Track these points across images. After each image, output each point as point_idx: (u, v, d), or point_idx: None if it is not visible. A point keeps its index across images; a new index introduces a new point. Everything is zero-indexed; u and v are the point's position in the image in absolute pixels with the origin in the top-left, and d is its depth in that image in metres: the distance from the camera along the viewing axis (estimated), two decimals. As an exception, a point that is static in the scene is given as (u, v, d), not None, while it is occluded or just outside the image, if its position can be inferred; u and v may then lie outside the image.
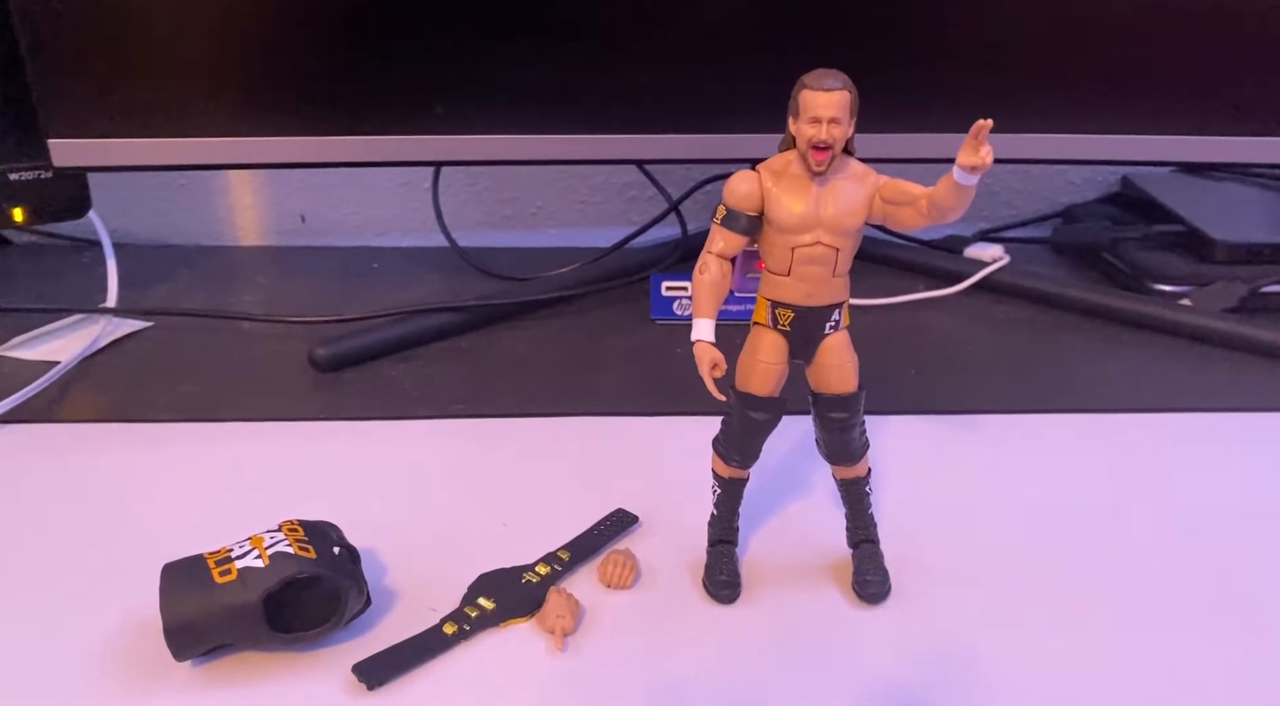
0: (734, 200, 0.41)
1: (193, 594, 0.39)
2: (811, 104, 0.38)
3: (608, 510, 0.51)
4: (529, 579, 0.45)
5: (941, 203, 0.39)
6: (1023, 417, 0.61)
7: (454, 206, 0.88)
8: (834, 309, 0.42)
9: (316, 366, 0.65)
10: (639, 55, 0.67)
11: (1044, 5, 0.67)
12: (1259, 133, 0.72)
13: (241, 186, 0.89)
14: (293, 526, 0.42)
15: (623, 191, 0.91)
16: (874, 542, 0.46)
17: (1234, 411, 0.62)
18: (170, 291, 0.77)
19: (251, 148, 0.66)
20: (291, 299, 0.76)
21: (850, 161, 0.41)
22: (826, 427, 0.44)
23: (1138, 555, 0.49)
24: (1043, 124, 0.71)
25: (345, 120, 0.66)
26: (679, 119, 0.68)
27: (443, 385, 0.64)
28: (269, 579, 0.39)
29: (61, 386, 0.63)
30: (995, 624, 0.44)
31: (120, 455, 0.56)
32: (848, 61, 0.41)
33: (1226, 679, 0.42)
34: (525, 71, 0.66)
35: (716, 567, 0.46)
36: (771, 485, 0.53)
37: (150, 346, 0.68)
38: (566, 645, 0.42)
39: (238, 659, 0.41)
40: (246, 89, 0.65)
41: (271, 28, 0.63)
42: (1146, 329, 0.72)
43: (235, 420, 0.60)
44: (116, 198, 0.85)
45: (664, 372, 0.66)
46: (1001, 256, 0.79)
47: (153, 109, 0.64)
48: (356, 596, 0.42)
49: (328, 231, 0.91)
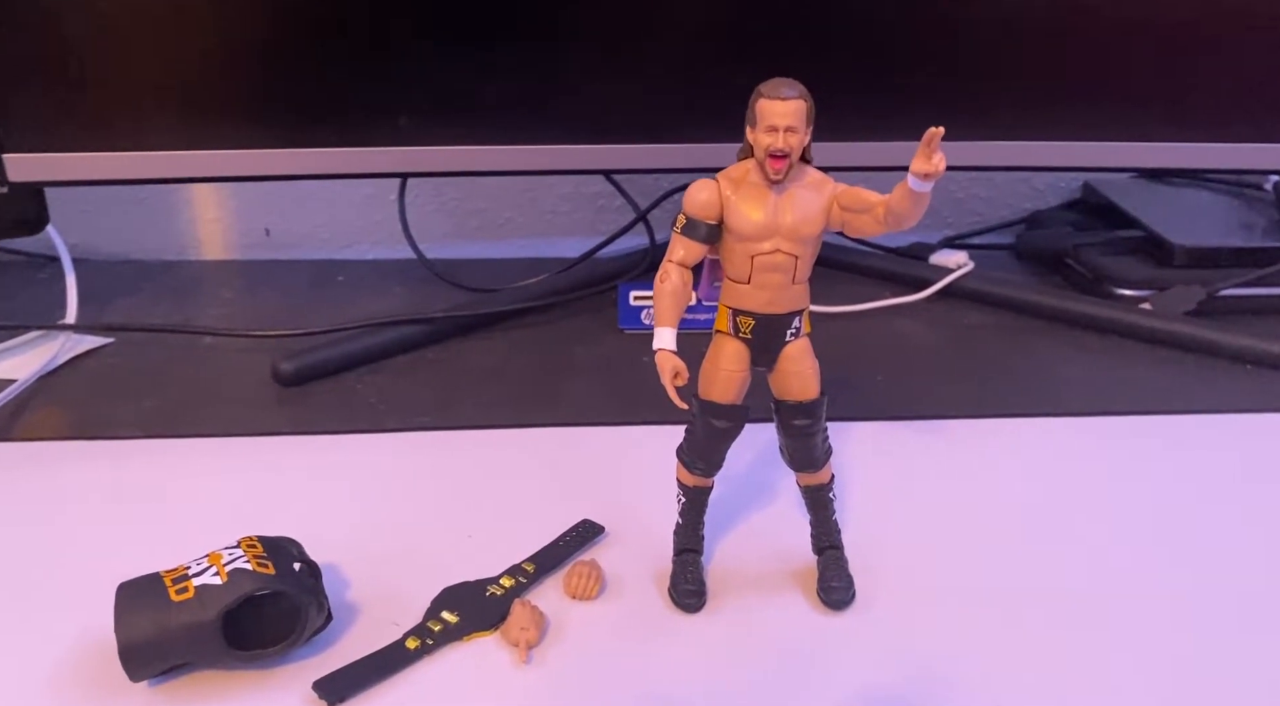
0: (693, 209, 0.41)
1: (148, 612, 0.39)
2: (768, 113, 0.39)
3: (574, 521, 0.51)
4: (493, 592, 0.45)
5: (898, 209, 0.40)
6: (987, 422, 0.62)
7: (421, 218, 0.88)
8: (794, 316, 0.42)
9: (281, 380, 0.65)
10: (605, 66, 0.67)
11: (1005, 16, 0.67)
12: (1215, 139, 0.73)
13: (204, 200, 0.88)
14: (251, 543, 0.42)
15: (591, 201, 0.91)
16: (838, 548, 0.46)
17: (1194, 413, 0.63)
18: (131, 307, 0.77)
19: (214, 161, 0.65)
20: (256, 313, 0.76)
21: (808, 169, 0.41)
22: (790, 434, 0.44)
23: (1101, 556, 0.50)
24: (1005, 131, 0.72)
25: (309, 132, 0.65)
26: (645, 128, 0.68)
27: (409, 398, 0.64)
28: (227, 596, 0.39)
29: (18, 404, 0.62)
30: (959, 629, 0.45)
31: (77, 473, 0.55)
32: (810, 71, 0.41)
33: (1193, 677, 0.42)
34: (491, 82, 0.66)
35: (682, 576, 0.46)
36: (736, 493, 0.53)
37: (111, 363, 0.68)
38: (531, 657, 0.42)
39: (196, 678, 0.40)
40: (208, 102, 0.64)
41: (233, 40, 0.63)
42: (1108, 332, 0.73)
43: (197, 435, 0.59)
44: (76, 212, 0.84)
45: (631, 382, 0.66)
46: (966, 263, 0.80)
47: (112, 122, 0.63)
48: (317, 612, 0.41)
49: (293, 244, 0.90)
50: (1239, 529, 0.52)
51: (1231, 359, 0.69)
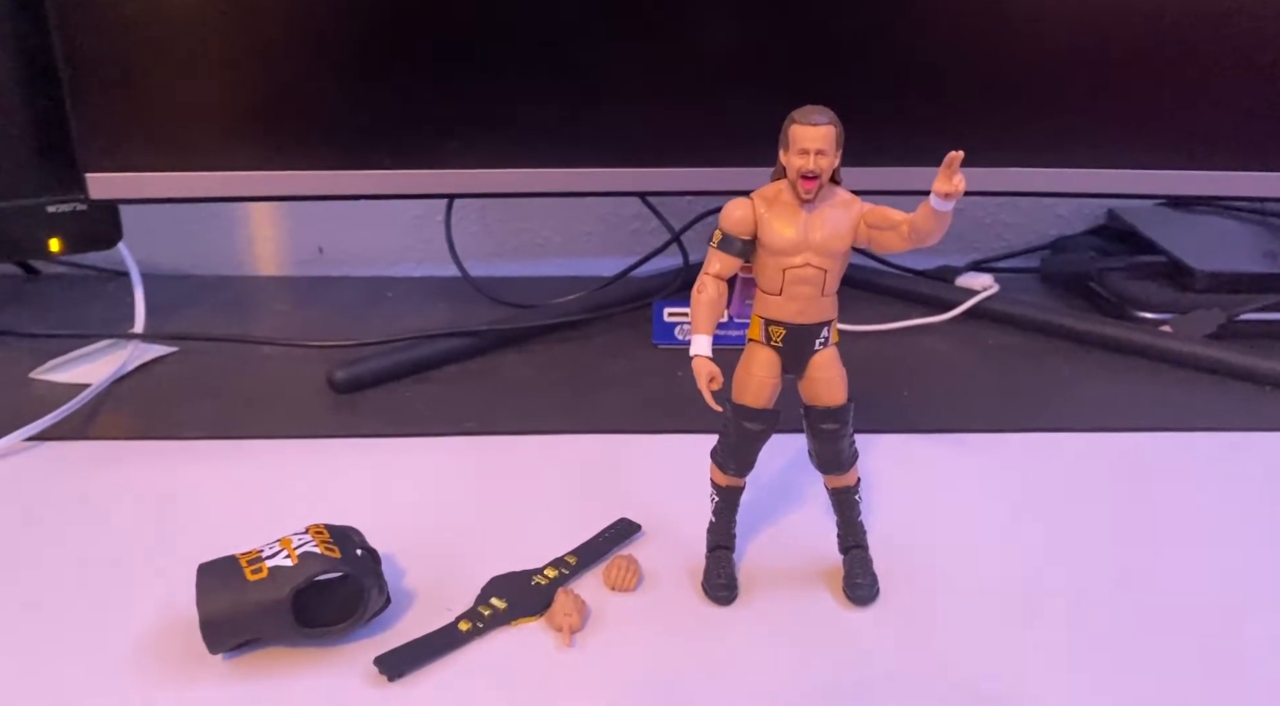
0: (729, 225, 0.44)
1: (226, 590, 0.42)
2: (800, 137, 0.42)
3: (611, 520, 0.54)
4: (538, 581, 0.48)
5: (921, 227, 0.42)
6: (1009, 436, 0.64)
7: (465, 238, 0.92)
8: (823, 326, 0.45)
9: (335, 388, 0.68)
10: (642, 94, 0.71)
11: (1033, 49, 0.70)
12: (1237, 167, 0.75)
13: (261, 219, 0.93)
14: (319, 529, 0.45)
15: (626, 223, 0.95)
16: (864, 548, 0.49)
17: (1211, 431, 0.65)
18: (194, 318, 0.81)
19: (275, 181, 0.69)
20: (309, 325, 0.80)
21: (837, 190, 0.44)
22: (818, 438, 0.47)
23: (1117, 565, 0.52)
24: (1031, 158, 0.74)
25: (363, 155, 0.70)
26: (680, 153, 0.72)
27: (455, 405, 0.67)
28: (298, 576, 0.42)
29: (93, 407, 0.66)
30: (977, 625, 0.47)
31: (150, 469, 0.59)
32: (841, 100, 0.44)
33: (1202, 685, 0.44)
34: (534, 109, 0.70)
35: (715, 571, 0.49)
36: (767, 497, 0.56)
37: (176, 370, 0.72)
38: (574, 642, 0.45)
39: (267, 652, 0.44)
40: (271, 126, 0.69)
41: (295, 68, 0.67)
42: (1129, 354, 0.75)
43: (258, 437, 0.63)
44: (142, 229, 0.89)
45: (665, 394, 0.69)
46: (991, 285, 0.82)
47: (182, 144, 0.68)
48: (378, 595, 0.44)
49: (344, 262, 0.94)
50: (1254, 543, 0.54)
51: (1250, 381, 0.71)
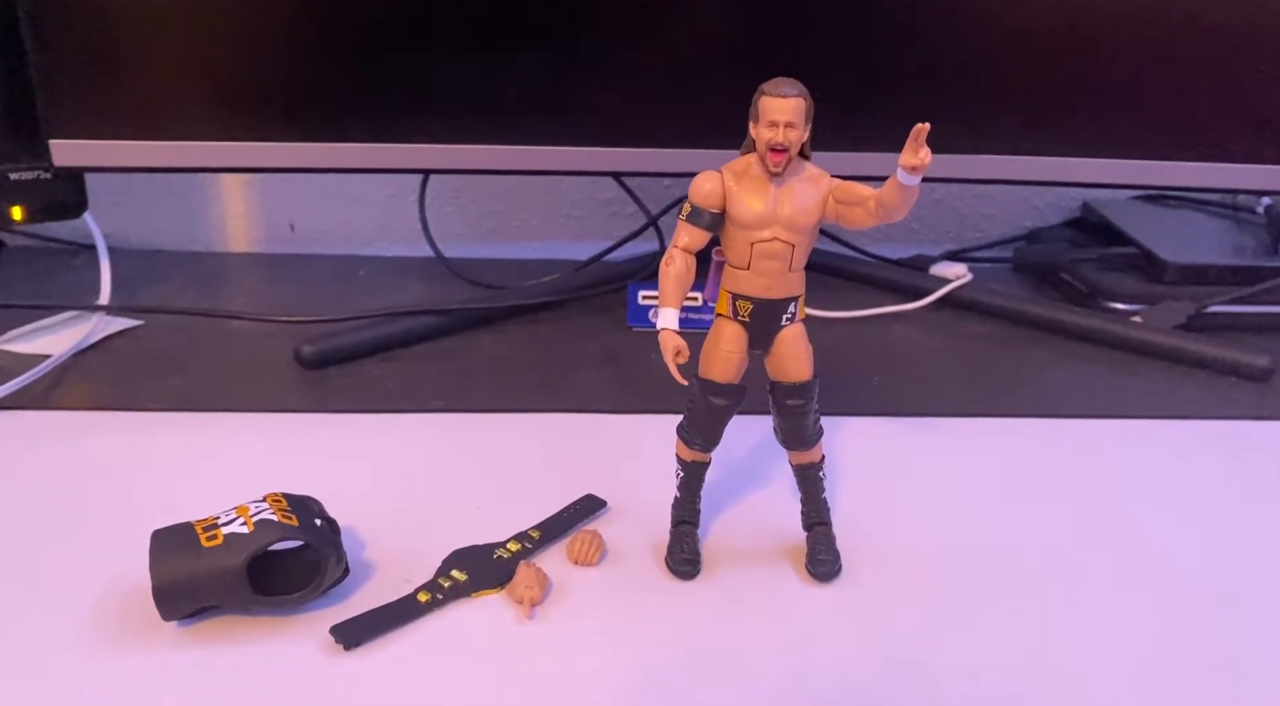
0: (698, 198, 0.44)
1: (180, 557, 0.42)
2: (769, 109, 0.42)
3: (578, 496, 0.53)
4: (500, 554, 0.48)
5: (889, 202, 0.42)
6: (977, 421, 0.64)
7: (439, 219, 0.91)
8: (790, 302, 0.45)
9: (302, 363, 0.68)
10: (619, 74, 0.70)
11: (1010, 39, 0.70)
12: (1212, 159, 0.75)
13: (232, 194, 0.92)
14: (277, 497, 0.45)
15: (603, 206, 0.94)
16: (827, 525, 0.49)
17: (1178, 419, 0.66)
18: (161, 292, 0.80)
19: (245, 152, 0.69)
20: (279, 301, 0.79)
21: (806, 165, 0.44)
22: (783, 414, 0.47)
23: (1079, 546, 0.52)
24: (1006, 146, 0.74)
25: (336, 128, 0.69)
26: (655, 133, 0.72)
27: (424, 383, 0.66)
28: (253, 543, 0.42)
29: (55, 377, 0.65)
30: (937, 602, 0.47)
31: (110, 439, 0.58)
32: (813, 85, 0.43)
33: (1167, 668, 0.44)
34: (511, 85, 0.69)
35: (678, 546, 0.48)
36: (733, 477, 0.56)
37: (141, 343, 0.71)
38: (534, 614, 0.45)
39: (222, 620, 0.43)
40: (242, 95, 0.68)
41: (268, 36, 0.66)
42: (1099, 343, 0.76)
43: (222, 410, 0.62)
44: (110, 203, 0.88)
45: (637, 375, 0.68)
46: (964, 274, 0.83)
47: (151, 112, 0.67)
48: (336, 564, 0.44)
49: (316, 240, 0.93)
50: (1215, 526, 0.54)
51: (1217, 371, 0.72)
